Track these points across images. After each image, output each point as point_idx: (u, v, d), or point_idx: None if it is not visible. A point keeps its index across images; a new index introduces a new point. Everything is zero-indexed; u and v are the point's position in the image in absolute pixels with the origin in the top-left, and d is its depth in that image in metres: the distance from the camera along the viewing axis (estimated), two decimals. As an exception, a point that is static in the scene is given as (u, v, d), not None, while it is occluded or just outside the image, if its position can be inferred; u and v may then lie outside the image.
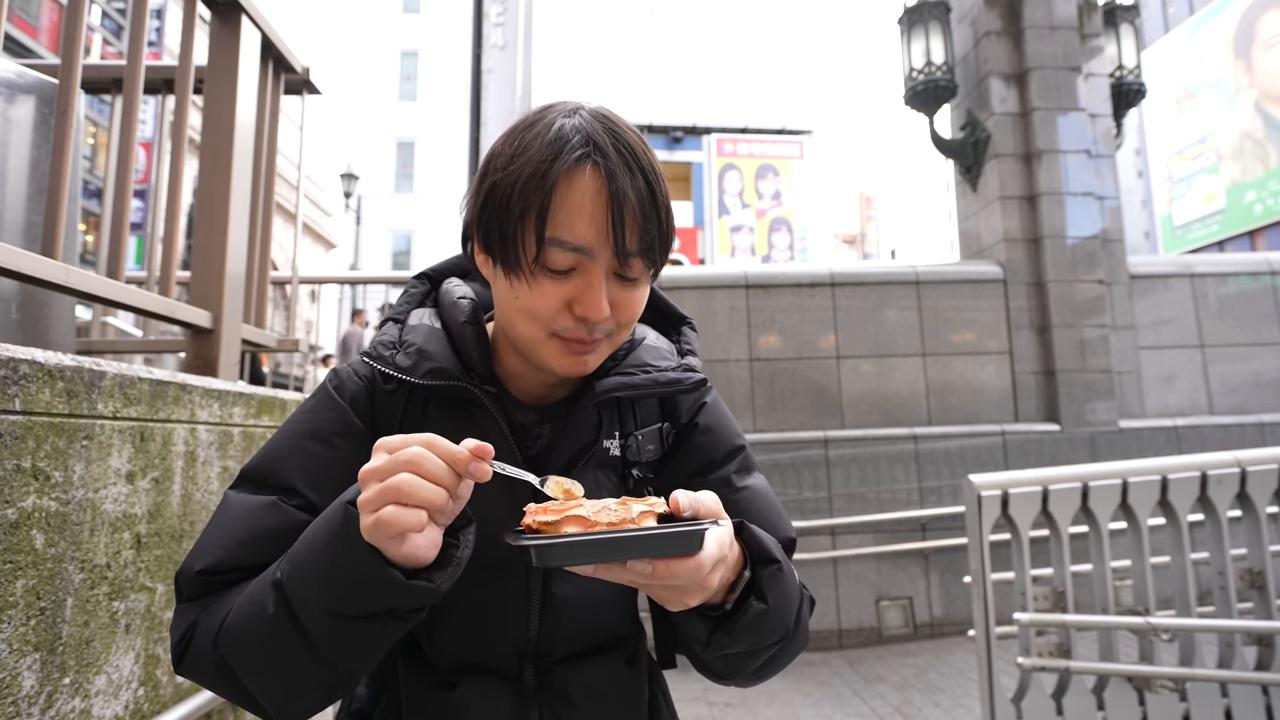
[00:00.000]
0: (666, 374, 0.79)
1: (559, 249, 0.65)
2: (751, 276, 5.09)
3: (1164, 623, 2.35)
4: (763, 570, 0.65)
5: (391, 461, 0.54)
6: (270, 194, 2.32)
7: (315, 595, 0.57)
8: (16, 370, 1.01)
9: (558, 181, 0.65)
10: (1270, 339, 5.32)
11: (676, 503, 0.58)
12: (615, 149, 0.66)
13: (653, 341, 0.83)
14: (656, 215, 0.68)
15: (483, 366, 0.76)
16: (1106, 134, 5.49)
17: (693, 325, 0.89)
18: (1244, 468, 2.49)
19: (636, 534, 0.54)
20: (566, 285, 0.67)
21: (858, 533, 4.65)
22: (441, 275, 0.87)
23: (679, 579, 0.55)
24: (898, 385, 5.00)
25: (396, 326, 0.79)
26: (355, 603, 0.56)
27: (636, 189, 0.66)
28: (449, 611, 0.74)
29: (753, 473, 0.84)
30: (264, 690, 0.61)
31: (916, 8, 5.57)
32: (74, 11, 1.40)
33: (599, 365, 0.75)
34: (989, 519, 2.40)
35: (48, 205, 1.36)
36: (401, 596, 0.55)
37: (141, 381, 1.31)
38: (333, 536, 0.57)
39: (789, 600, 0.67)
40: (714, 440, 0.83)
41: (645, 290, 0.73)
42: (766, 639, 0.66)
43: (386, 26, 26.61)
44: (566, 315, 0.68)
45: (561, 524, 0.56)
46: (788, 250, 20.81)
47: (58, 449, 1.09)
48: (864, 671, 4.07)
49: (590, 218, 0.65)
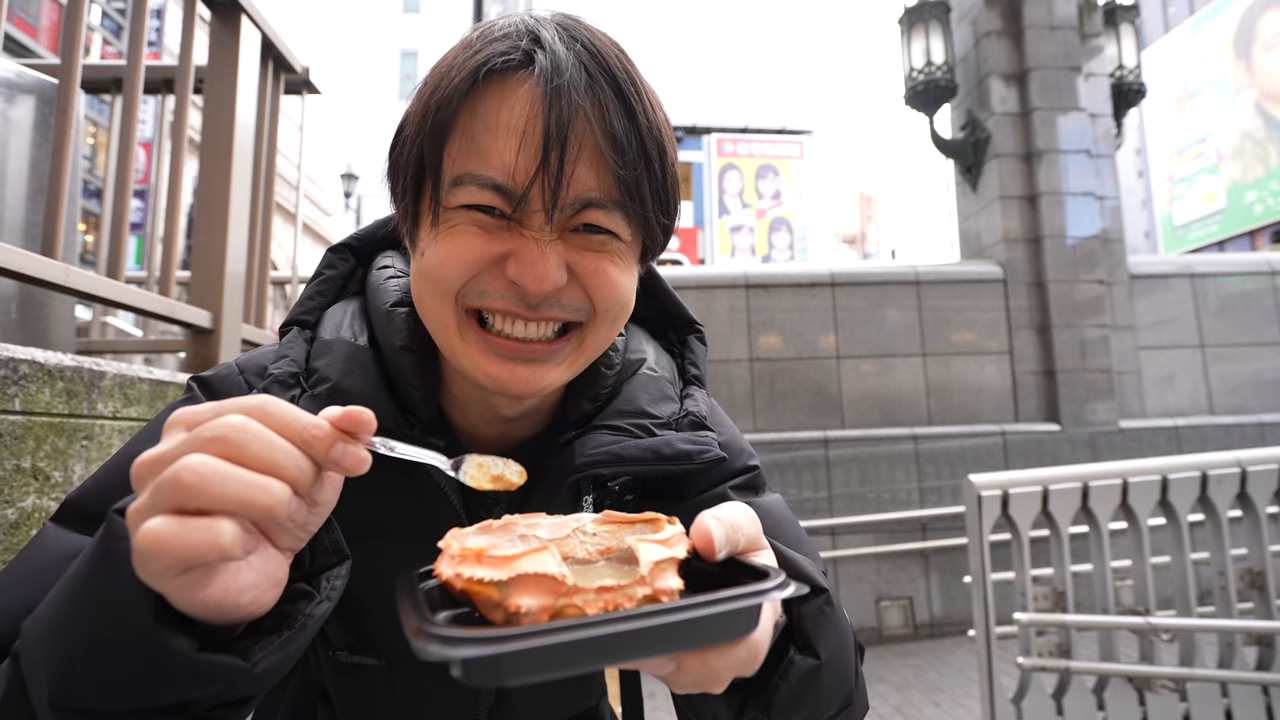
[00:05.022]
0: (670, 443, 0.55)
1: (470, 186, 0.45)
2: (751, 276, 5.09)
3: (1164, 623, 2.35)
4: (804, 608, 0.45)
5: (187, 440, 0.33)
6: (270, 194, 2.31)
7: (45, 670, 0.35)
8: (16, 370, 1.01)
9: (469, 91, 0.44)
10: (1270, 339, 5.32)
11: (709, 540, 0.37)
12: (568, 47, 0.45)
13: (651, 367, 0.61)
14: (638, 146, 0.46)
15: (425, 409, 0.54)
16: (1106, 134, 5.49)
17: (702, 336, 0.68)
18: (1244, 468, 2.49)
19: (658, 624, 0.31)
20: (494, 238, 0.46)
21: (858, 533, 4.65)
22: (371, 246, 0.62)
23: (715, 675, 0.36)
24: (898, 385, 5.00)
25: (303, 338, 0.55)
26: (101, 689, 0.34)
27: (599, 102, 0.45)
28: (375, 708, 0.58)
29: (760, 491, 0.64)
30: None
31: (916, 8, 5.57)
32: (74, 11, 1.40)
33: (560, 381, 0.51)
34: (989, 519, 2.40)
35: (47, 205, 1.36)
36: (188, 678, 0.33)
37: (141, 381, 1.31)
38: (82, 570, 0.36)
39: (846, 648, 0.47)
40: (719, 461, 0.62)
41: (627, 262, 0.50)
42: (823, 710, 0.46)
43: (386, 26, 26.62)
44: (491, 276, 0.46)
45: (511, 588, 0.33)
46: (788, 250, 20.82)
47: (58, 449, 1.09)
48: (864, 671, 4.07)
49: (513, 138, 0.44)
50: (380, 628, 0.56)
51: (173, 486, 0.31)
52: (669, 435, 0.56)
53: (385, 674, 0.57)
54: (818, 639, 0.44)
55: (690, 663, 0.35)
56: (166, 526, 0.31)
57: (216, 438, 0.33)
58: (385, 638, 0.56)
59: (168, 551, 0.30)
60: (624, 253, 0.49)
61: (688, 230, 20.16)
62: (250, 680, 0.35)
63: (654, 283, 0.67)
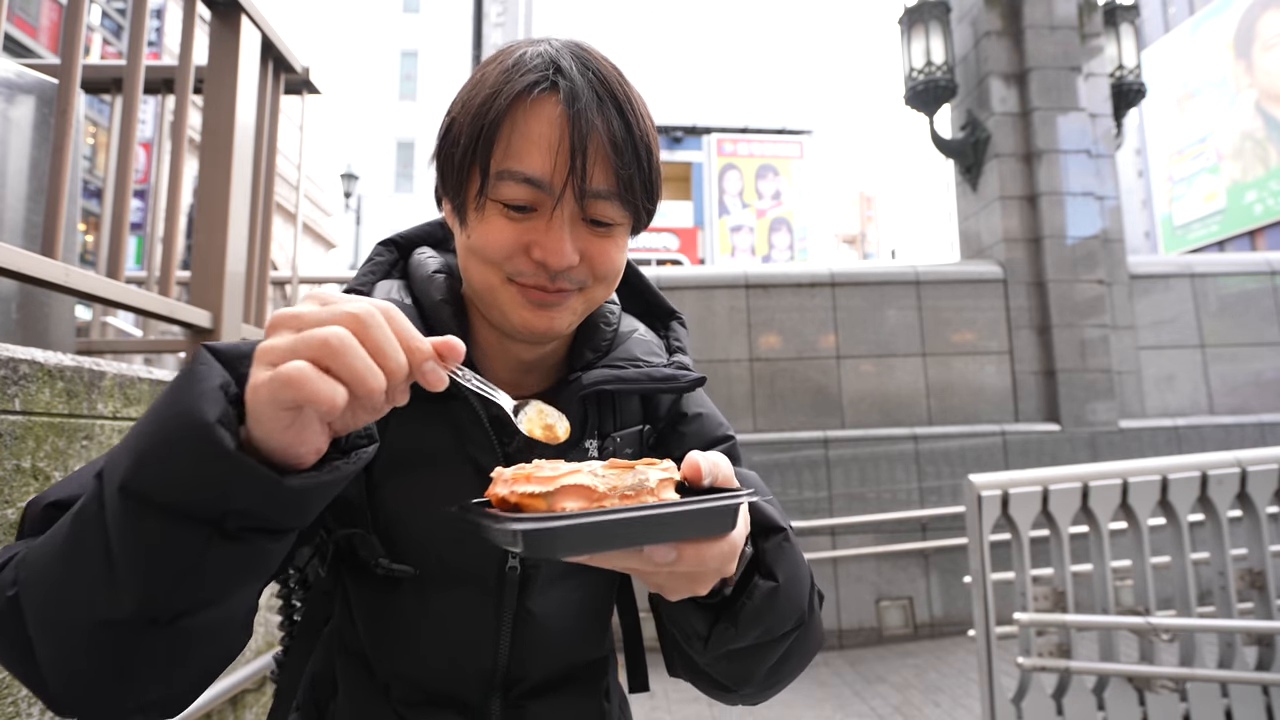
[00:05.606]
0: (660, 370, 0.70)
1: (510, 181, 0.58)
2: (751, 276, 5.09)
3: (1164, 623, 2.35)
4: (766, 542, 0.57)
5: (328, 311, 0.40)
6: (270, 194, 2.31)
7: (125, 462, 0.41)
8: (16, 370, 1.01)
9: (509, 108, 0.58)
10: (1270, 339, 5.32)
11: (696, 468, 0.48)
12: (582, 75, 0.59)
13: (643, 335, 0.75)
14: (633, 152, 0.60)
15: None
16: (1106, 134, 5.49)
17: (682, 321, 0.81)
18: (1244, 468, 2.49)
19: (667, 512, 0.42)
20: (523, 225, 0.60)
21: (858, 533, 4.65)
22: (411, 243, 0.76)
23: (706, 564, 0.46)
24: (898, 385, 5.00)
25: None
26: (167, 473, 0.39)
27: (606, 119, 0.59)
28: (403, 625, 0.66)
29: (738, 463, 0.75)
30: (44, 630, 0.43)
31: (916, 8, 5.57)
32: (74, 11, 1.40)
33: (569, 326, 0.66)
34: (989, 519, 2.40)
35: (47, 205, 1.36)
36: (234, 477, 0.39)
37: (141, 381, 1.31)
38: (180, 379, 0.42)
39: (801, 577, 0.58)
40: (701, 427, 0.75)
41: (624, 242, 0.65)
42: (779, 625, 0.57)
43: (386, 26, 26.61)
44: (523, 258, 0.60)
45: (556, 496, 0.43)
46: (788, 250, 20.82)
47: (58, 449, 1.09)
48: (864, 671, 4.07)
49: (547, 148, 0.58)
50: (414, 541, 0.65)
51: (321, 344, 0.38)
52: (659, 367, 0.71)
53: (418, 586, 0.65)
54: (776, 566, 0.56)
55: (687, 552, 0.45)
56: (310, 371, 0.38)
57: (356, 317, 0.40)
58: (419, 551, 0.65)
59: (301, 389, 0.37)
60: (620, 234, 0.64)
61: (688, 230, 20.16)
62: (280, 494, 0.40)
63: (637, 280, 0.80)
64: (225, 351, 0.44)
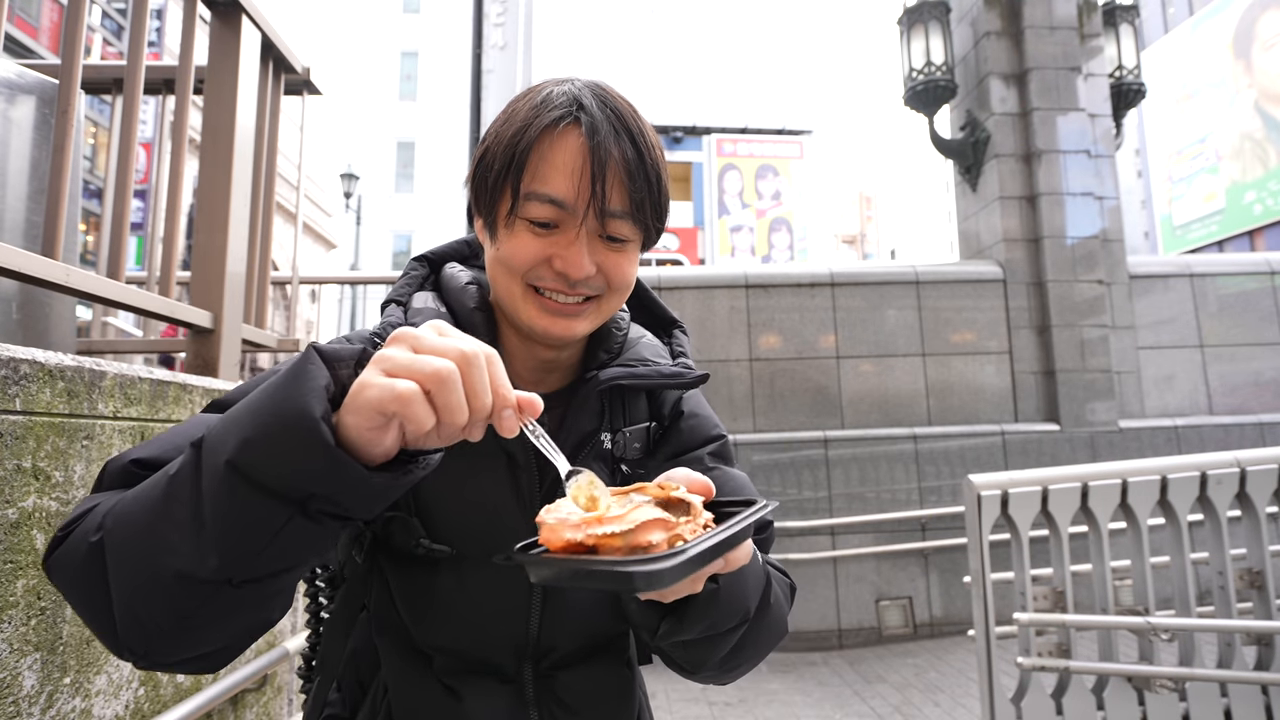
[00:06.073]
0: (668, 368, 0.79)
1: (536, 201, 0.66)
2: (751, 276, 5.10)
3: (1164, 623, 2.35)
4: None
5: (445, 344, 0.47)
6: (270, 194, 2.32)
7: (232, 440, 0.46)
8: (17, 370, 1.02)
9: (538, 138, 0.66)
10: (1270, 339, 5.32)
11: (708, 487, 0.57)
12: (601, 110, 0.67)
13: (650, 340, 0.84)
14: (645, 178, 0.68)
15: None
16: (1106, 134, 5.49)
17: (684, 329, 0.89)
18: (1244, 468, 2.49)
19: (736, 530, 0.51)
20: (547, 240, 0.67)
21: (857, 533, 4.65)
22: (442, 259, 0.84)
23: (733, 567, 0.55)
24: (898, 385, 5.00)
25: (400, 309, 0.77)
26: (272, 456, 0.45)
27: (622, 149, 0.67)
28: (442, 602, 0.72)
29: (729, 462, 0.84)
30: (124, 576, 0.48)
31: (916, 8, 5.57)
32: (74, 11, 1.40)
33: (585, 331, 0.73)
34: (989, 519, 2.40)
35: (48, 205, 1.36)
36: (329, 468, 0.44)
37: (142, 381, 1.31)
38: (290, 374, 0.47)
39: (743, 579, 0.63)
40: (698, 425, 0.83)
41: (635, 256, 0.73)
42: (724, 622, 0.62)
43: (386, 26, 26.61)
44: (545, 269, 0.68)
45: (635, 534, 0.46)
46: (788, 250, 20.81)
47: (58, 449, 1.09)
48: (864, 671, 4.07)
49: (570, 173, 0.66)
50: (451, 522, 0.72)
51: (433, 373, 0.45)
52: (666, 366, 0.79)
53: (454, 564, 0.72)
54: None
55: (730, 559, 0.54)
56: (418, 393, 0.45)
57: (465, 357, 0.47)
58: (456, 532, 0.72)
59: (404, 406, 0.44)
60: (632, 249, 0.72)
61: (688, 230, 20.16)
62: (364, 488, 0.46)
63: (643, 294, 0.88)
64: (328, 354, 0.49)
